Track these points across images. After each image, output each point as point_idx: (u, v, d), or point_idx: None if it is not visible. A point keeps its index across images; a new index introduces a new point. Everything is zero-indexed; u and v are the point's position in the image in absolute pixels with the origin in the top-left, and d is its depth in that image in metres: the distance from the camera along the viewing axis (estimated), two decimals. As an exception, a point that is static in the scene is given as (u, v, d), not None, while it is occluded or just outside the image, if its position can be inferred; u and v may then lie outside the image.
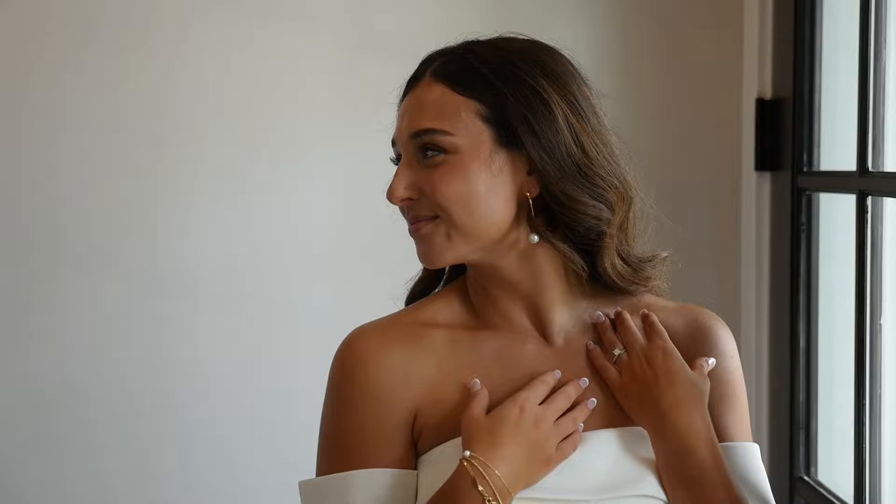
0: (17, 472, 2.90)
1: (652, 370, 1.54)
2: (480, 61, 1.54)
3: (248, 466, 2.96)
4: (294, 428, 2.70)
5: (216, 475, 2.96)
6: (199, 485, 2.95)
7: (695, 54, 2.87)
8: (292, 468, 2.56)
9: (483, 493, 1.45)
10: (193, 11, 2.86)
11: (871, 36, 2.23)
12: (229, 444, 2.94)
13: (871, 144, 2.22)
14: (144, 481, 2.93)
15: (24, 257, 2.88)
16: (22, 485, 2.92)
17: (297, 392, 2.81)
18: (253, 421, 2.95)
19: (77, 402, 2.90)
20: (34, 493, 2.92)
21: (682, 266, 2.69)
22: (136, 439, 2.92)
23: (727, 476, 1.52)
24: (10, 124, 2.85)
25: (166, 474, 2.93)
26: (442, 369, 1.56)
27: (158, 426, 2.92)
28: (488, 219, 1.52)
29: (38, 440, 2.88)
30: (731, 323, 2.59)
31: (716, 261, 2.82)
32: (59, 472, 2.89)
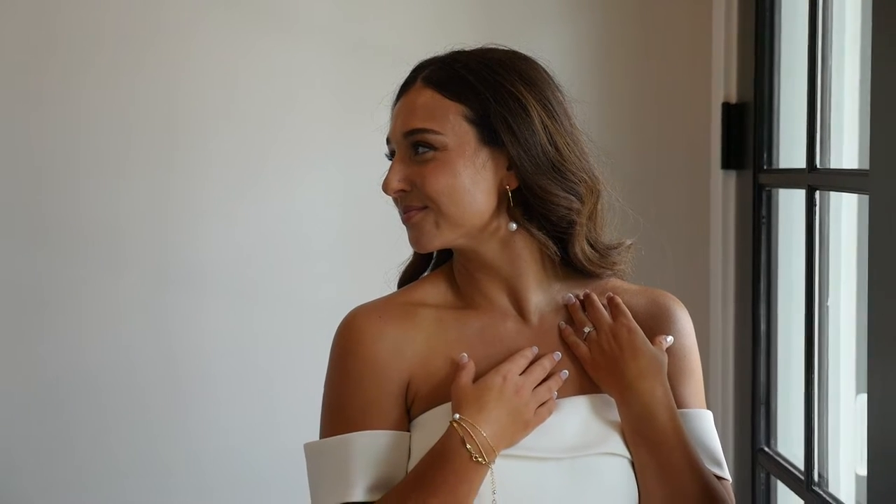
0: (31, 459, 2.87)
1: (617, 345, 1.61)
2: (466, 69, 1.60)
3: (253, 451, 2.93)
4: (298, 414, 2.66)
5: (222, 459, 2.93)
6: (206, 469, 2.92)
7: (668, 63, 2.86)
8: (295, 453, 2.70)
9: (471, 451, 1.51)
10: (204, 22, 2.84)
11: (818, 48, 2.27)
12: (236, 429, 2.91)
13: (819, 144, 2.26)
14: (153, 467, 2.90)
15: (41, 252, 2.86)
16: (35, 471, 2.87)
17: (301, 379, 2.79)
18: (259, 407, 2.93)
19: (88, 390, 2.87)
20: (46, 479, 2.88)
21: (657, 255, 2.74)
22: (145, 427, 2.89)
23: (684, 437, 1.58)
24: (29, 126, 2.84)
25: (174, 461, 2.91)
26: (431, 344, 1.62)
27: (167, 413, 2.90)
28: (472, 209, 1.58)
29: (53, 428, 2.86)
30: (699, 308, 2.68)
31: (687, 251, 2.81)
32: (69, 458, 2.86)
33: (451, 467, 1.53)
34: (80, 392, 2.85)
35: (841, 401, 2.24)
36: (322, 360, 1.71)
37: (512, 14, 2.83)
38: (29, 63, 2.80)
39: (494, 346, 1.62)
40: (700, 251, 2.80)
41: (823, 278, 2.23)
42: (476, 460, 1.53)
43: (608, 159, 1.78)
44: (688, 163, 2.83)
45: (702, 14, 2.79)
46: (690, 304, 2.67)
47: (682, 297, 2.52)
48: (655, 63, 2.85)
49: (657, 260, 2.64)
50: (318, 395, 1.71)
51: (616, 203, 1.71)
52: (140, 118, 2.84)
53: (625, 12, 2.84)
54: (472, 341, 1.62)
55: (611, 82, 2.85)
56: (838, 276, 2.23)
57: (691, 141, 2.82)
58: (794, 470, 2.31)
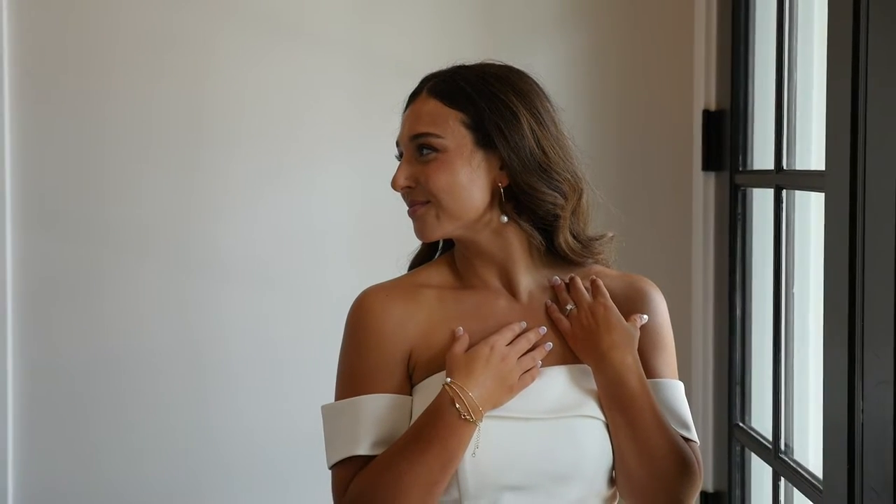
0: (65, 433, 2.88)
1: (594, 321, 1.72)
2: (465, 81, 1.71)
3: (268, 434, 2.93)
4: (310, 395, 2.67)
5: (239, 439, 2.93)
6: (223, 449, 2.92)
7: (654, 74, 2.87)
8: (306, 433, 2.70)
9: (459, 410, 1.62)
10: (232, 35, 2.85)
11: (785, 60, 2.32)
12: (251, 410, 2.91)
13: (785, 147, 2.31)
14: (172, 449, 2.91)
15: (81, 245, 2.86)
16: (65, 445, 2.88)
17: (314, 363, 2.79)
18: (274, 389, 2.92)
19: (112, 372, 2.88)
20: (71, 452, 2.88)
21: (645, 247, 2.84)
22: (167, 405, 2.90)
23: (652, 401, 1.69)
24: (78, 137, 2.85)
25: (193, 441, 2.92)
26: (432, 319, 1.73)
27: (187, 394, 2.90)
28: (468, 203, 1.69)
29: (83, 404, 2.88)
30: (682, 296, 2.77)
31: (672, 244, 2.84)
32: (91, 434, 2.89)
33: (442, 424, 1.63)
34: (109, 371, 2.88)
35: (808, 378, 2.30)
36: (333, 346, 1.79)
37: (511, 28, 2.87)
38: (70, 75, 2.84)
39: (488, 320, 1.72)
40: (683, 244, 2.82)
41: (789, 269, 2.29)
42: (464, 418, 1.63)
43: (593, 162, 1.84)
44: (672, 164, 2.85)
45: (684, 30, 2.80)
46: (674, 292, 2.76)
47: (667, 286, 2.62)
48: (643, 74, 2.87)
49: (645, 251, 2.77)
50: (329, 379, 1.81)
51: (601, 200, 1.79)
52: (171, 124, 2.86)
53: (615, 28, 2.86)
54: (468, 316, 1.73)
55: (602, 91, 2.87)
56: (806, 267, 2.29)
57: (675, 145, 2.84)
58: (765, 441, 2.37)
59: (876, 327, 1.71)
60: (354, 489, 1.67)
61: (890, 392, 1.65)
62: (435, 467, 1.63)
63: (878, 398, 1.68)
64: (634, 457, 1.67)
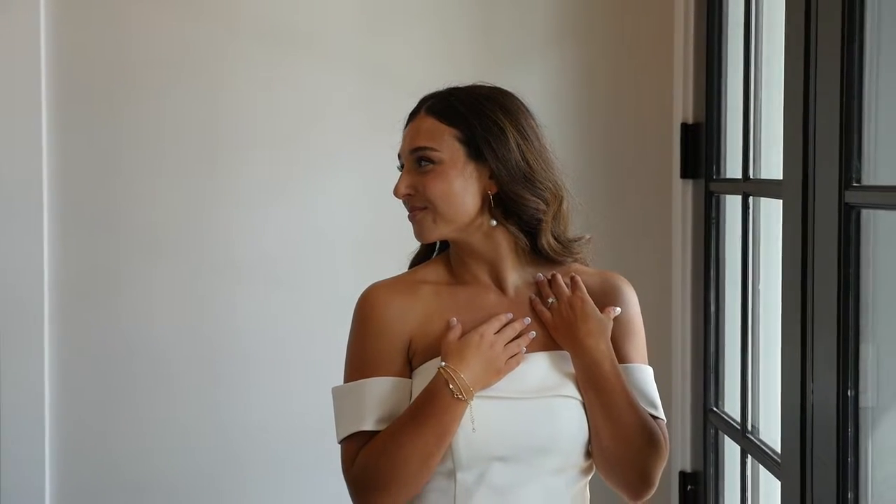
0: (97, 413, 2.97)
1: (573, 312, 1.82)
2: (458, 101, 1.82)
3: (277, 421, 2.98)
4: (317, 388, 2.68)
5: (248, 429, 2.99)
6: (233, 438, 2.98)
7: (637, 90, 2.94)
8: (312, 422, 2.85)
9: (452, 391, 1.73)
10: (248, 51, 2.91)
11: (751, 78, 2.41)
12: (261, 400, 2.97)
13: (752, 158, 2.41)
14: (183, 435, 2.98)
15: (115, 243, 2.95)
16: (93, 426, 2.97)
17: (320, 357, 2.82)
18: (282, 382, 2.98)
19: (125, 363, 2.95)
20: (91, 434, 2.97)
21: (629, 248, 2.93)
22: (184, 390, 2.97)
23: (623, 382, 1.80)
24: (107, 145, 2.93)
25: (205, 430, 2.98)
26: (429, 311, 1.83)
27: (199, 385, 2.97)
28: (462, 209, 1.81)
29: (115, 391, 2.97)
30: (663, 292, 2.87)
31: (654, 246, 2.91)
32: (119, 413, 2.96)
33: (437, 402, 1.74)
34: (134, 357, 2.95)
35: (770, 366, 2.36)
36: (339, 340, 1.90)
37: (507, 48, 2.94)
38: (101, 89, 2.92)
39: (479, 312, 1.83)
40: (664, 245, 2.89)
41: (755, 268, 2.39)
42: (457, 398, 1.74)
43: (582, 170, 1.99)
44: (654, 172, 2.92)
45: (665, 51, 2.88)
46: (655, 288, 2.90)
47: (648, 283, 2.76)
48: (627, 90, 2.94)
49: (629, 251, 2.89)
50: (335, 370, 1.90)
51: (580, 206, 1.89)
52: (191, 133, 2.93)
53: (602, 48, 2.93)
54: (461, 309, 1.84)
55: (590, 106, 2.94)
56: (770, 267, 2.36)
57: (656, 154, 2.91)
58: (734, 423, 2.47)
59: (822, 321, 1.84)
60: (361, 461, 1.78)
61: (833, 375, 1.80)
62: (431, 440, 1.74)
63: (825, 381, 1.82)
64: (607, 432, 1.78)
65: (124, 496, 2.98)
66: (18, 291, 2.91)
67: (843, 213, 1.76)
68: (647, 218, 2.96)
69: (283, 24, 2.94)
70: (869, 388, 1.78)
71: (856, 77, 1.76)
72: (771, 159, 2.38)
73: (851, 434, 1.75)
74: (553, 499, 1.81)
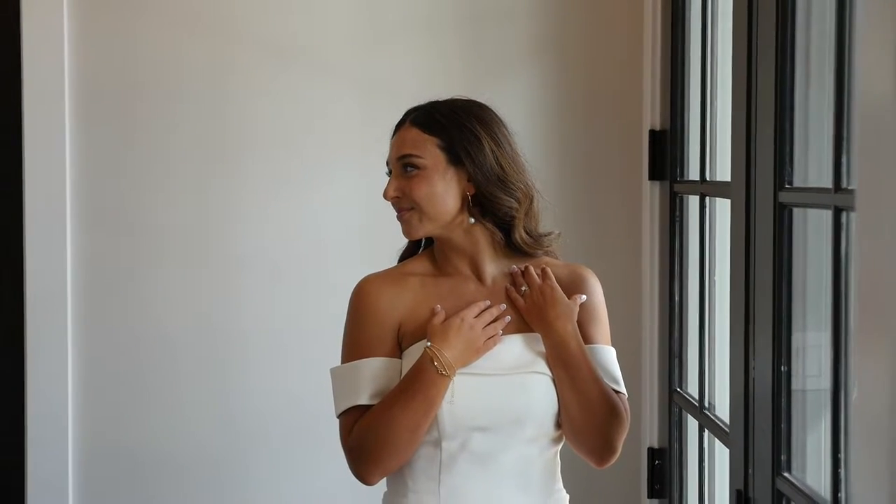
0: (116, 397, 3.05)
1: (543, 299, 1.96)
2: (439, 113, 1.96)
3: (278, 401, 3.06)
4: (317, 374, 2.59)
5: (250, 413, 3.07)
6: (237, 423, 3.07)
7: (609, 100, 3.03)
8: (310, 402, 2.96)
9: (437, 367, 1.88)
10: (253, 66, 3.01)
11: (707, 90, 2.54)
12: (263, 383, 3.05)
13: (707, 162, 2.53)
14: (202, 412, 3.06)
15: (133, 241, 3.04)
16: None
17: (318, 345, 2.80)
18: (282, 369, 3.06)
19: (152, 351, 3.03)
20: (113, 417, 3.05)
21: (602, 244, 3.05)
22: (195, 378, 3.05)
23: (588, 360, 1.93)
24: (124, 151, 3.03)
25: (217, 408, 3.06)
26: (416, 300, 1.97)
27: (211, 369, 3.05)
28: (444, 209, 1.94)
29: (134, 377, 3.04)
30: (634, 283, 3.00)
31: (625, 242, 3.01)
32: (135, 398, 3.05)
33: (423, 377, 1.88)
34: (150, 348, 3.04)
35: (724, 349, 2.41)
36: (335, 328, 1.99)
37: (491, 61, 3.05)
38: (119, 98, 3.02)
39: (460, 300, 1.97)
40: (634, 241, 3.00)
41: (711, 262, 2.53)
42: (441, 374, 1.88)
43: (559, 173, 2.16)
44: (625, 175, 3.02)
45: (635, 65, 2.99)
46: (627, 280, 3.04)
47: (620, 275, 2.91)
48: (601, 100, 3.04)
49: (603, 247, 3.01)
50: (330, 356, 2.02)
51: (548, 204, 2.01)
52: (199, 139, 3.02)
53: (578, 62, 3.04)
54: (444, 297, 1.97)
55: (568, 115, 3.05)
56: (723, 260, 2.44)
57: (628, 158, 3.01)
58: (694, 402, 2.60)
59: (761, 308, 2.02)
60: (357, 431, 1.91)
61: (769, 355, 2.00)
62: (419, 412, 1.87)
63: (763, 360, 2.02)
64: (574, 404, 1.92)
65: (138, 472, 3.07)
66: (44, 288, 3.01)
67: (778, 211, 1.94)
68: (619, 216, 3.07)
69: (284, 40, 3.05)
70: (798, 365, 1.95)
71: (787, 94, 1.94)
72: (725, 163, 2.48)
73: (784, 405, 1.93)
74: (527, 465, 1.94)
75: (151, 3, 3.03)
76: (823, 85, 1.87)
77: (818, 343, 1.94)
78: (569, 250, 2.14)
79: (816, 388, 1.93)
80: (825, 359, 1.77)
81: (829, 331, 1.74)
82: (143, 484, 3.08)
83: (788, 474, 1.92)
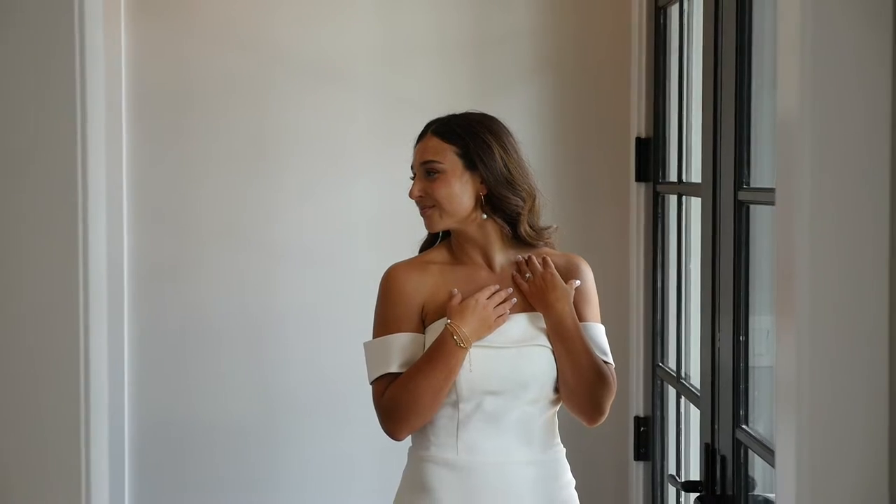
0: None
1: (544, 284, 2.14)
2: (456, 125, 2.15)
3: (311, 376, 3.18)
4: (344, 349, 2.95)
5: (286, 384, 3.19)
6: (272, 394, 3.20)
7: (601, 112, 3.17)
8: (340, 377, 3.16)
9: (456, 341, 2.06)
10: (289, 80, 3.15)
11: (684, 103, 2.67)
12: (296, 361, 3.17)
13: (684, 165, 2.67)
14: (244, 387, 3.19)
15: (183, 235, 3.17)
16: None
17: (347, 324, 3.05)
18: (313, 345, 3.18)
19: (200, 334, 3.15)
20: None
21: (596, 238, 3.21)
22: (239, 357, 3.17)
23: (582, 336, 2.13)
24: (176, 153, 3.15)
25: (257, 384, 3.19)
26: (437, 284, 2.15)
27: (245, 348, 3.19)
28: (460, 207, 2.12)
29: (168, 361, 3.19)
30: (622, 272, 3.19)
31: (615, 236, 3.16)
32: (185, 377, 3.19)
33: (444, 349, 2.07)
34: (198, 332, 3.18)
35: (697, 328, 2.55)
36: (363, 310, 2.19)
37: (496, 76, 3.20)
38: (172, 104, 3.15)
39: (474, 284, 2.15)
40: (623, 235, 3.15)
41: (688, 252, 2.69)
42: (459, 346, 2.06)
43: (556, 176, 2.39)
44: (615, 177, 3.17)
45: (622, 81, 3.13)
46: (617, 268, 3.21)
47: (611, 265, 3.08)
48: (593, 111, 3.19)
49: (596, 241, 3.20)
50: (359, 334, 2.20)
51: (548, 202, 2.20)
52: (241, 143, 3.15)
53: (574, 76, 3.19)
54: (460, 282, 2.15)
55: (564, 124, 3.20)
56: (697, 251, 2.62)
57: (617, 163, 3.15)
58: (673, 373, 2.75)
59: (725, 292, 2.25)
60: (388, 394, 2.10)
61: (731, 331, 2.22)
62: (441, 378, 2.07)
63: (726, 334, 2.25)
64: (569, 371, 2.12)
65: (186, 436, 3.21)
66: (103, 274, 3.21)
67: (737, 208, 2.18)
68: (609, 213, 3.21)
69: (317, 58, 3.19)
70: (754, 340, 2.19)
71: (745, 105, 2.15)
72: (698, 167, 2.65)
73: (742, 371, 2.18)
74: (530, 422, 2.14)
75: (199, 24, 3.15)
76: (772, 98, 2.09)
77: (765, 319, 2.17)
78: (566, 242, 2.33)
79: (766, 355, 2.17)
80: (773, 336, 1.99)
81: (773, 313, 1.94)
82: (189, 446, 3.22)
83: (746, 426, 2.16)
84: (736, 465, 2.16)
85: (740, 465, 2.16)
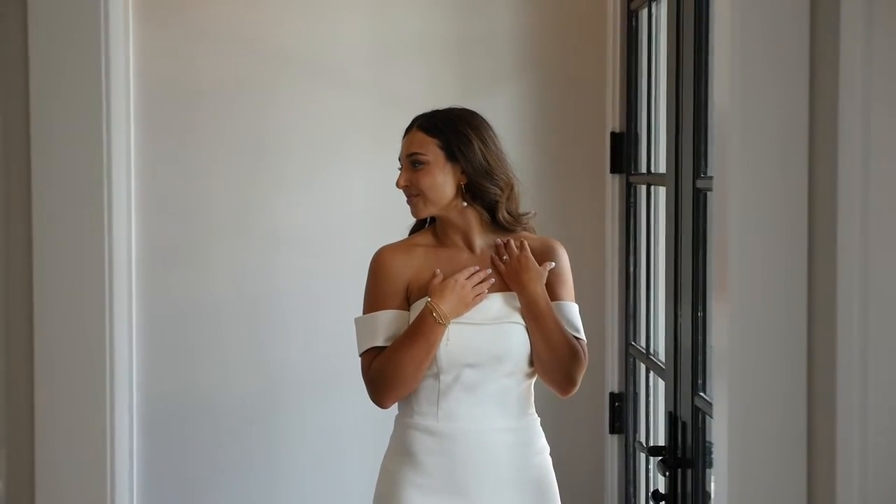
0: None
1: (520, 266, 2.24)
2: (439, 120, 2.25)
3: (307, 353, 3.26)
4: (342, 331, 2.79)
5: (285, 363, 3.27)
6: (273, 376, 3.28)
7: (578, 109, 3.27)
8: (336, 354, 3.24)
9: (436, 317, 2.17)
10: (289, 80, 3.23)
11: (653, 100, 2.78)
12: (294, 342, 3.27)
13: (652, 157, 2.78)
14: (247, 366, 3.26)
15: (188, 223, 3.23)
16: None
17: (343, 306, 2.85)
18: (310, 327, 3.26)
19: (204, 317, 3.22)
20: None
21: (574, 226, 3.31)
22: (242, 338, 3.25)
23: (554, 314, 2.23)
24: (181, 145, 3.21)
25: (258, 362, 3.27)
26: (421, 265, 2.26)
27: (245, 330, 3.25)
28: (443, 195, 2.23)
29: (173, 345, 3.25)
30: (598, 257, 3.31)
31: (592, 223, 3.25)
32: (189, 356, 3.25)
33: (425, 325, 2.17)
34: (202, 314, 3.25)
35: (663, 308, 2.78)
36: (355, 291, 2.26)
37: (480, 75, 3.30)
38: (177, 101, 3.21)
39: (455, 265, 2.25)
40: (599, 223, 3.25)
41: (655, 239, 2.78)
42: (438, 322, 2.17)
43: (537, 169, 2.53)
44: (592, 169, 3.27)
45: (598, 80, 3.23)
46: (593, 254, 3.32)
47: (588, 250, 3.18)
48: (570, 108, 3.29)
49: (574, 228, 3.31)
50: (354, 316, 2.25)
51: (525, 190, 2.31)
52: (244, 136, 3.22)
53: (553, 76, 3.28)
54: (443, 263, 2.26)
55: (543, 121, 3.29)
56: (663, 237, 2.74)
57: (594, 155, 3.26)
58: (643, 351, 2.88)
59: (685, 275, 2.39)
60: (375, 366, 2.22)
61: (690, 308, 2.38)
62: (422, 351, 2.18)
63: (686, 311, 2.41)
64: (542, 347, 2.23)
65: (190, 413, 3.28)
66: (112, 261, 3.18)
67: (696, 195, 2.33)
68: (586, 203, 3.32)
69: (314, 59, 3.28)
70: (710, 315, 2.34)
71: (703, 104, 2.29)
72: (663, 159, 2.78)
73: (701, 343, 2.33)
74: (506, 393, 2.25)
75: (199, 24, 3.22)
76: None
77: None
78: (547, 230, 2.44)
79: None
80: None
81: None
82: (193, 422, 3.29)
83: (703, 394, 2.31)
84: (694, 430, 2.30)
85: (698, 429, 2.30)
